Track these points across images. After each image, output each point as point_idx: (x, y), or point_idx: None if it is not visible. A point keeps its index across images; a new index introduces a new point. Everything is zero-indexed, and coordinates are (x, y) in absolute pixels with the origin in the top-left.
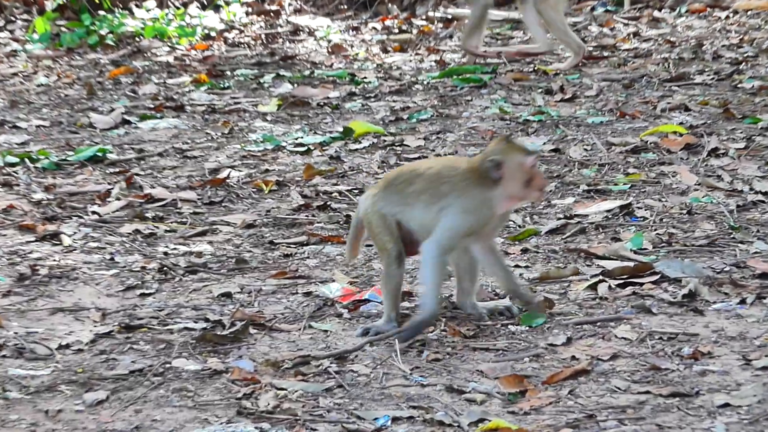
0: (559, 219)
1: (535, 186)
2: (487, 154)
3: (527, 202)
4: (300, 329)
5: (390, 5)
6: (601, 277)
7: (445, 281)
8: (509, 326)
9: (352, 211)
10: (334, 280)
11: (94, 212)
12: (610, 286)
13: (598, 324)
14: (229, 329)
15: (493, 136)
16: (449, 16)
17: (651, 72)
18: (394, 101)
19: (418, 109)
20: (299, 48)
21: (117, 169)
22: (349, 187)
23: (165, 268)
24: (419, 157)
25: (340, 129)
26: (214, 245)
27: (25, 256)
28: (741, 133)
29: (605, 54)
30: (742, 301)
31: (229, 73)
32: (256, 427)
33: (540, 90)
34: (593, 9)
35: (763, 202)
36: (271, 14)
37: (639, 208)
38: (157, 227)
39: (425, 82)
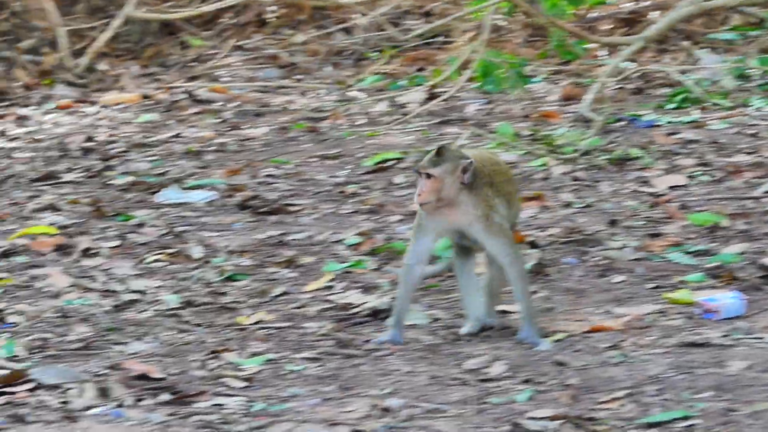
0: None
1: None
2: None
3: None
4: None
5: None
6: None
7: None
8: None
9: None
10: None
11: None
12: None
13: None
14: None
15: None
16: None
17: (18, 172)
18: None
19: None
20: None
21: None
22: None
23: None
24: None
25: None
26: None
27: None
28: (113, 231)
29: None
30: (120, 405)
31: None
32: None
33: None
34: None
35: (139, 300)
36: None
37: (11, 313)
38: None
39: None
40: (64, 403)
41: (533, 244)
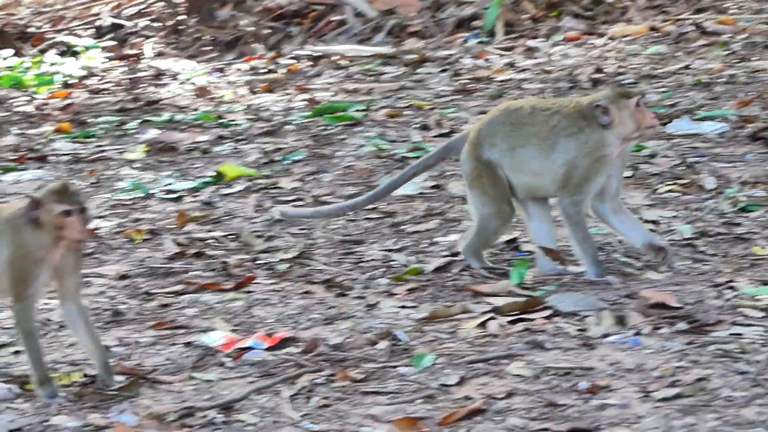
0: (444, 257)
1: (645, 125)
2: (594, 99)
3: (641, 141)
4: (182, 380)
5: (255, 45)
6: (491, 314)
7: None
8: (399, 368)
9: (228, 258)
10: (214, 329)
11: None
12: (500, 323)
13: (491, 362)
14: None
15: (371, 175)
16: (317, 54)
17: None
18: (265, 143)
19: (290, 150)
20: (163, 92)
21: None
22: (225, 233)
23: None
24: (295, 200)
25: (212, 173)
26: (88, 298)
27: None
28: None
29: (480, 86)
30: (638, 333)
31: (92, 120)
32: None
33: (416, 125)
34: (465, 41)
35: (651, 230)
36: (132, 59)
37: (525, 242)
38: None
39: (297, 123)
40: (581, 330)
41: None
